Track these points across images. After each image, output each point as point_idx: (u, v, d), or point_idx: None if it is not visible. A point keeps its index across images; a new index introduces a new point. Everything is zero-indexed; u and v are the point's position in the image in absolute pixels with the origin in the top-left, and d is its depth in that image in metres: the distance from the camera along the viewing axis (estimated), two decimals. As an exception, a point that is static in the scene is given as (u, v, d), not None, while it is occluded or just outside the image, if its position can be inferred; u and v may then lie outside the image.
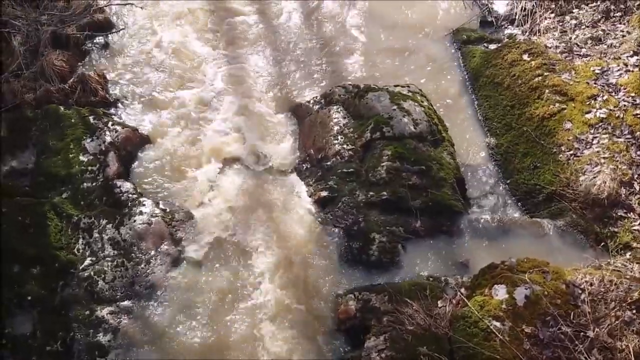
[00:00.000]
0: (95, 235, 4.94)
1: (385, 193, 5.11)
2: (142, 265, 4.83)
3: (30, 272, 4.62)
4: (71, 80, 6.27)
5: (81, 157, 5.44)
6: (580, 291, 3.96)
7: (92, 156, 5.47)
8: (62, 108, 5.85)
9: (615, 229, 4.85)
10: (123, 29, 7.10)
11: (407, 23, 7.33)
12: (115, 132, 5.73)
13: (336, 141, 5.60)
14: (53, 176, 5.32)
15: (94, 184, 5.29)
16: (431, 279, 4.67)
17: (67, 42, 6.68)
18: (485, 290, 4.03)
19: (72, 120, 5.72)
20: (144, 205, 5.18)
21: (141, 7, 7.37)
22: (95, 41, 6.93)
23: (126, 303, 4.65)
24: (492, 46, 6.81)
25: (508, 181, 5.65)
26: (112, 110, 6.20)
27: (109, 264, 4.79)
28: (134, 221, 5.03)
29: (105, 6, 7.29)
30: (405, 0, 7.63)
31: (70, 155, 5.44)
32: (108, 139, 5.64)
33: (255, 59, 6.87)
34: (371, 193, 5.15)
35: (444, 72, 6.76)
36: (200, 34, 7.12)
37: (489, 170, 5.78)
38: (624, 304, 3.83)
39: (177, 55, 6.81)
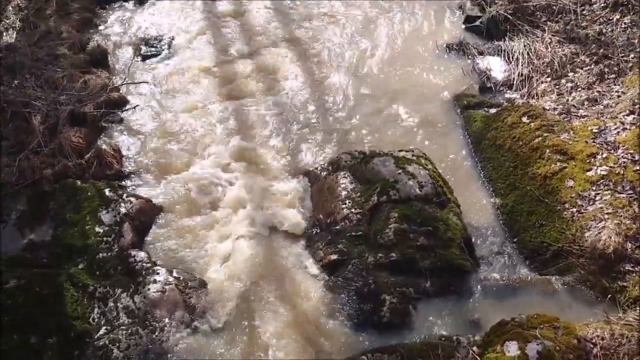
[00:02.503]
0: (110, 304, 5.03)
1: (394, 254, 5.20)
2: (157, 333, 4.88)
3: (48, 343, 4.68)
4: (88, 155, 6.52)
5: (97, 229, 5.61)
6: (592, 346, 3.98)
7: (107, 227, 5.64)
8: (78, 182, 6.10)
9: (624, 283, 4.88)
10: (137, 105, 7.42)
11: (410, 91, 7.61)
12: (130, 203, 5.92)
13: (344, 205, 5.74)
14: (70, 247, 5.47)
15: (109, 254, 5.43)
16: (443, 338, 4.67)
17: (84, 119, 6.99)
18: (497, 347, 4.06)
19: (89, 194, 5.94)
20: (157, 273, 5.28)
21: (154, 85, 7.75)
22: (110, 117, 7.24)
23: (141, 371, 4.69)
24: (492, 110, 7.03)
25: (515, 240, 5.72)
26: (127, 183, 6.43)
27: (124, 332, 4.85)
28: (148, 289, 5.13)
29: (121, 85, 7.67)
30: (406, 70, 7.96)
31: (87, 227, 5.62)
32: (123, 210, 5.82)
33: (265, 130, 7.12)
34: (380, 255, 5.24)
35: (447, 136, 6.97)
36: (211, 106, 7.42)
37: (496, 230, 5.86)
38: (636, 358, 3.83)
39: (188, 129, 7.09)
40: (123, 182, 6.43)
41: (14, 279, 5.01)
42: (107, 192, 5.98)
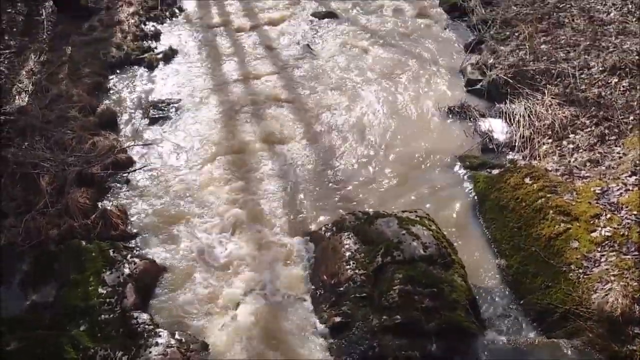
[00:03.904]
0: (111, 367, 4.96)
1: (398, 317, 5.14)
2: (157, 398, 4.79)
3: (46, 407, 4.61)
4: (94, 215, 6.57)
5: (100, 290, 5.60)
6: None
7: (110, 288, 5.63)
8: (83, 243, 6.13)
9: (634, 347, 4.78)
10: (144, 166, 7.53)
11: (413, 152, 7.71)
12: (134, 264, 5.93)
13: (348, 266, 5.72)
14: (72, 308, 5.44)
15: (111, 315, 5.40)
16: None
17: (92, 179, 7.10)
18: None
19: (93, 254, 5.96)
20: (159, 335, 5.22)
21: (161, 147, 7.89)
22: (117, 178, 7.34)
23: None
24: (495, 171, 7.09)
25: (521, 301, 5.65)
26: (132, 243, 6.45)
27: (124, 396, 4.77)
28: (150, 352, 5.05)
29: (128, 147, 7.81)
30: (409, 131, 8.10)
31: (90, 288, 5.61)
32: (126, 271, 5.82)
33: (268, 190, 7.18)
34: (385, 317, 5.18)
35: (451, 196, 7.01)
36: (217, 167, 7.52)
37: (501, 291, 5.80)
38: None
39: (193, 189, 7.16)
40: (128, 243, 6.44)
41: (15, 341, 4.96)
42: (111, 252, 6.01)
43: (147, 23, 11.14)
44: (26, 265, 6.00)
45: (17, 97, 8.56)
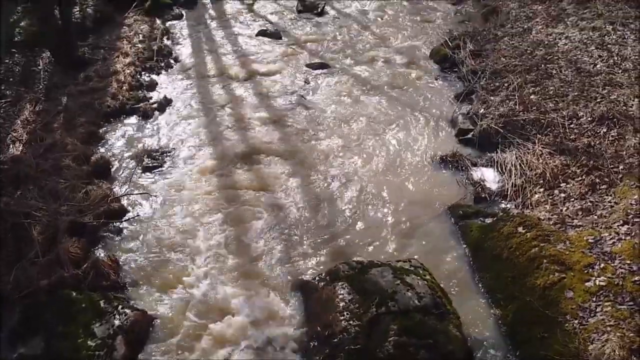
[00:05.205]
0: (99, 423, 4.82)
1: (394, 369, 5.07)
2: None
3: None
4: (85, 265, 6.48)
5: (89, 342, 5.49)
6: None
7: (100, 340, 5.53)
8: (74, 293, 6.02)
9: (633, 400, 4.72)
10: (137, 216, 7.51)
11: (406, 201, 7.74)
12: (125, 315, 5.83)
13: (342, 317, 5.65)
14: (60, 362, 5.32)
15: (100, 369, 5.28)
16: None
17: (84, 229, 7.04)
18: None
19: (83, 305, 5.87)
20: (149, 390, 5.11)
21: (154, 196, 7.88)
22: (109, 227, 7.30)
23: None
24: (488, 220, 7.11)
25: (517, 352, 5.58)
26: (123, 294, 6.36)
27: None
28: (139, 407, 4.93)
29: (121, 196, 7.80)
30: (402, 181, 8.15)
31: (79, 340, 5.50)
32: (117, 322, 5.73)
33: (261, 239, 7.16)
34: (380, 370, 5.10)
35: (444, 245, 7.01)
36: (210, 217, 7.50)
37: (497, 342, 5.73)
38: None
39: (186, 239, 7.13)
40: (119, 293, 6.36)
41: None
42: (101, 303, 5.91)
43: (142, 73, 11.29)
44: (15, 316, 5.88)
45: (11, 146, 8.57)
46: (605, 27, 10.62)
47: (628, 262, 5.74)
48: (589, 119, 8.21)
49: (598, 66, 9.47)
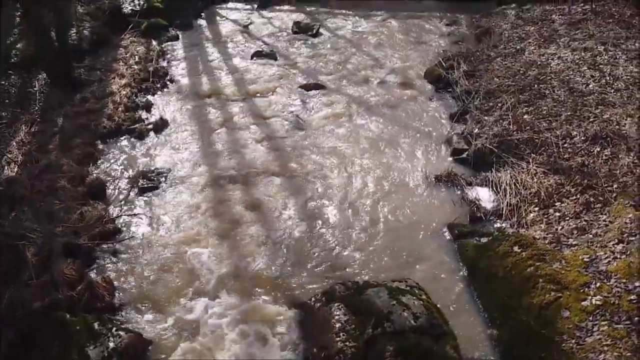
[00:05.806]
0: None
1: (390, 391, 5.03)
2: None
3: None
4: (79, 287, 6.46)
5: (83, 365, 5.44)
6: None
7: (94, 363, 5.47)
8: (68, 316, 5.97)
9: (631, 421, 4.69)
10: (132, 237, 7.49)
11: (401, 221, 7.76)
12: (119, 337, 5.79)
13: (338, 339, 5.61)
14: (54, 386, 5.26)
15: (94, 392, 5.23)
16: None
17: (78, 250, 7.02)
18: None
19: (77, 328, 5.82)
20: (144, 413, 5.05)
21: (149, 217, 7.87)
22: (104, 248, 7.27)
23: None
24: (484, 239, 7.10)
25: (515, 373, 5.57)
26: (118, 315, 6.33)
27: None
28: None
29: (116, 217, 7.78)
30: (398, 200, 8.16)
31: (73, 364, 5.45)
32: (111, 345, 5.68)
33: (257, 260, 7.14)
34: (376, 391, 5.06)
35: (440, 265, 6.99)
36: (204, 237, 7.50)
37: (494, 363, 5.73)
38: None
39: (181, 260, 7.11)
40: (114, 315, 6.33)
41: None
42: (96, 325, 5.86)
43: (138, 94, 11.34)
44: (8, 339, 5.82)
45: (6, 167, 8.58)
46: (597, 48, 10.76)
47: (624, 281, 5.74)
48: (583, 138, 8.27)
49: (590, 86, 9.56)
